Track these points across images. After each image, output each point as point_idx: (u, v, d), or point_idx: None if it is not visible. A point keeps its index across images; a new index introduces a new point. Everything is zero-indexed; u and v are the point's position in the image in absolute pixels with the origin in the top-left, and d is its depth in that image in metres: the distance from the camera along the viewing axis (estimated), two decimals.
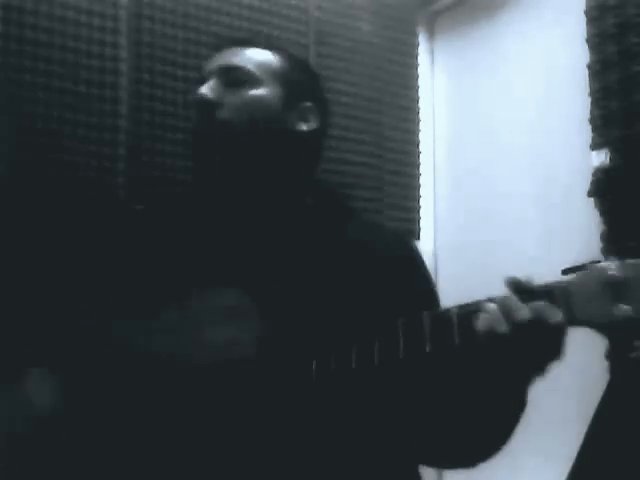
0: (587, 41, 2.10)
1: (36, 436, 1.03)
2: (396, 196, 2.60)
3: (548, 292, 0.85)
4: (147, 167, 2.17)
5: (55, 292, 1.20)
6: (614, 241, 1.96)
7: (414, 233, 2.64)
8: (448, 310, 0.90)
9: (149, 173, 2.17)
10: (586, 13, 2.11)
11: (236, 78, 1.10)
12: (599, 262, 0.86)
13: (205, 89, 1.09)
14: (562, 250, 2.14)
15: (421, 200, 2.69)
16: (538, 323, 0.84)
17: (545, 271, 0.89)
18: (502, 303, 0.87)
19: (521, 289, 0.87)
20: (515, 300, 0.86)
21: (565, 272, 0.88)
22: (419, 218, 2.67)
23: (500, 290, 0.92)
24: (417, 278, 1.17)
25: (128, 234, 1.21)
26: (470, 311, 0.88)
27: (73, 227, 1.96)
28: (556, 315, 0.83)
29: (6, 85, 1.97)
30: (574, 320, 0.84)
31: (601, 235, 2.00)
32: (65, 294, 1.17)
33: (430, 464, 1.17)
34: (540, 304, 0.84)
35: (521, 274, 0.88)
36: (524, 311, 0.84)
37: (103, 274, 1.16)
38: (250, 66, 1.11)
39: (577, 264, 0.88)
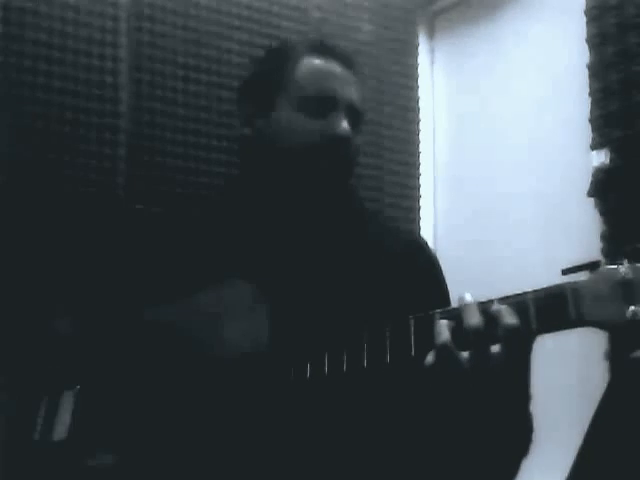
0: (587, 41, 2.10)
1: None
2: (396, 196, 2.60)
3: (558, 292, 0.86)
4: (147, 167, 2.17)
5: (55, 292, 1.21)
6: (614, 241, 1.96)
7: (414, 233, 2.64)
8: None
9: (149, 173, 2.17)
10: (586, 13, 2.11)
11: (357, 120, 1.20)
12: (600, 262, 0.87)
13: (345, 126, 1.15)
14: (562, 250, 2.14)
15: (421, 200, 2.68)
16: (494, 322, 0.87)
17: (545, 271, 0.89)
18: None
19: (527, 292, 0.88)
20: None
21: (565, 272, 0.88)
22: (419, 218, 2.67)
23: (500, 290, 0.92)
24: (433, 285, 1.19)
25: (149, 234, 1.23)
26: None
27: (73, 227, 1.96)
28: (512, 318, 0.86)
29: (6, 85, 1.97)
30: (584, 320, 0.84)
31: (601, 235, 2.00)
32: (65, 293, 1.18)
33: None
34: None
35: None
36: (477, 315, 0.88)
37: (120, 271, 1.18)
38: (363, 108, 1.22)
39: (577, 264, 0.88)
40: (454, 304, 0.92)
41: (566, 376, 2.04)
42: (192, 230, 1.19)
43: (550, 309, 0.86)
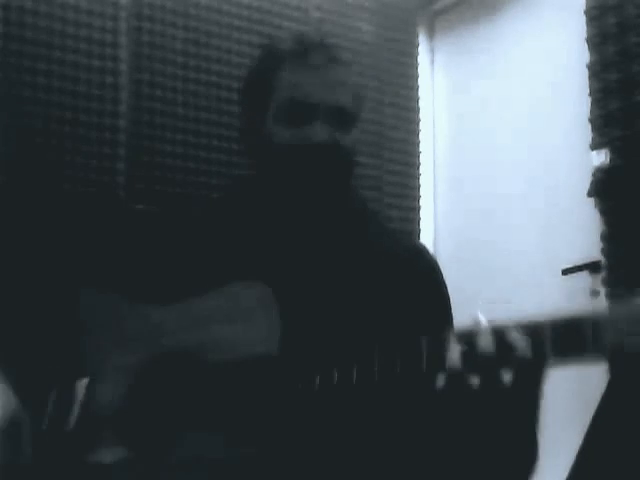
0: (587, 41, 2.11)
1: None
2: (396, 196, 2.61)
3: (578, 322, 0.85)
4: (147, 167, 2.17)
5: (56, 291, 1.21)
6: (614, 241, 1.96)
7: (414, 233, 2.64)
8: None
9: (149, 173, 2.17)
10: (586, 13, 2.12)
11: (345, 119, 1.16)
12: (600, 262, 0.87)
13: (322, 133, 1.12)
14: (562, 250, 2.14)
15: (421, 200, 2.69)
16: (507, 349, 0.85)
17: (545, 271, 0.89)
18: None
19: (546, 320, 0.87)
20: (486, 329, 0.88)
21: (565, 272, 0.88)
22: (419, 218, 2.67)
23: (500, 290, 0.92)
24: (434, 288, 1.19)
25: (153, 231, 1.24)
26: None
27: (73, 227, 1.96)
28: (525, 346, 0.85)
29: (6, 85, 1.97)
30: (602, 349, 0.83)
31: (601, 235, 2.00)
32: (66, 292, 1.18)
33: None
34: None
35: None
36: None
37: (123, 269, 1.18)
38: (354, 106, 1.17)
39: (577, 264, 0.88)
40: (468, 324, 0.91)
41: (566, 376, 2.04)
42: (193, 231, 1.20)
43: (567, 340, 0.84)
